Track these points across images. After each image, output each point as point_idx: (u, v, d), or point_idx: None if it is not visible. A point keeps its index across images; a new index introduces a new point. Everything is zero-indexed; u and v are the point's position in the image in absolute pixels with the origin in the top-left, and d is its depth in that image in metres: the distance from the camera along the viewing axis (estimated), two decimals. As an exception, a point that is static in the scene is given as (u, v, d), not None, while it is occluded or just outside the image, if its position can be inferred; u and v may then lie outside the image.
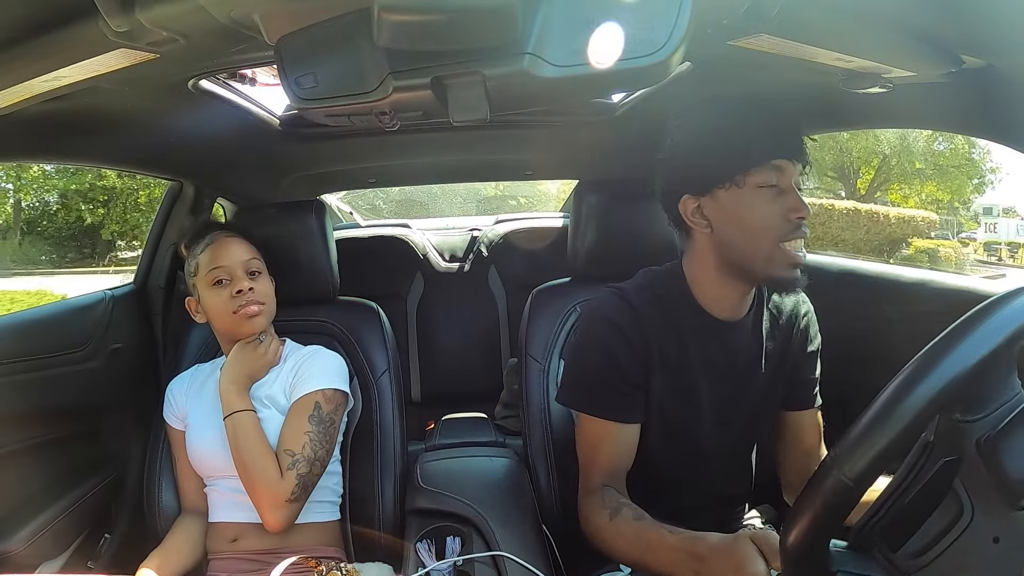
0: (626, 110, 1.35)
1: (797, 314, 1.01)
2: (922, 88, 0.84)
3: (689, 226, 0.92)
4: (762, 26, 0.69)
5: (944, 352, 0.51)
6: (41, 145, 1.06)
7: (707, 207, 0.89)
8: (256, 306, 1.12)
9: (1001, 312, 0.51)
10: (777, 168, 0.85)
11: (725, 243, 0.89)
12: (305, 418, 1.08)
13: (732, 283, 0.92)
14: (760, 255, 0.86)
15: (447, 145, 1.68)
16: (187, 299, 1.19)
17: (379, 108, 0.58)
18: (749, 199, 0.85)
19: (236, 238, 1.18)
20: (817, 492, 0.53)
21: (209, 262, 1.14)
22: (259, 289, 1.14)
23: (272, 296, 1.18)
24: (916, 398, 0.50)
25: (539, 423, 1.20)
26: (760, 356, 0.97)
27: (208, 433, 1.11)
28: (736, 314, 0.95)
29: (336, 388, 1.13)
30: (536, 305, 1.28)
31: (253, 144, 1.41)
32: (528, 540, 1.00)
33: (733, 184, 0.86)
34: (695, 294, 0.94)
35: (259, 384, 1.15)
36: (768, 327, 0.98)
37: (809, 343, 1.02)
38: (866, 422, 0.52)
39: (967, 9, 0.67)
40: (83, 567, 1.27)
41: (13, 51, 0.67)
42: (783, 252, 0.85)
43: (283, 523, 1.03)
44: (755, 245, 0.86)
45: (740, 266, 0.89)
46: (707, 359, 0.94)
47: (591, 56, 0.52)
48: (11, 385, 1.15)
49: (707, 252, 0.92)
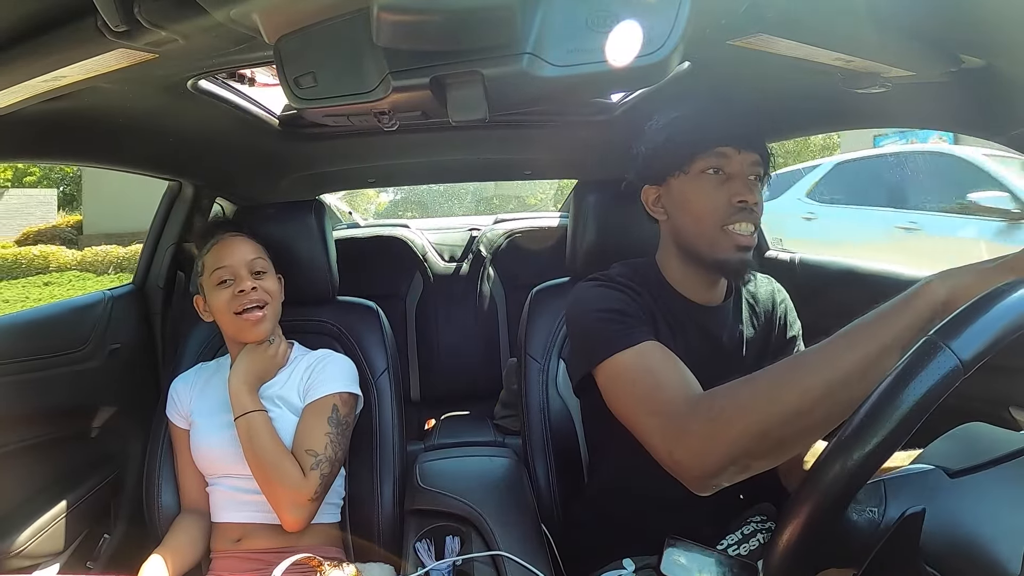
0: (625, 110, 1.35)
1: (774, 302, 1.04)
2: (921, 88, 0.84)
3: (653, 216, 0.99)
4: (761, 26, 0.69)
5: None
6: (40, 144, 1.06)
7: (664, 196, 0.96)
8: (259, 311, 1.12)
9: None
10: (722, 155, 0.90)
11: (677, 229, 0.95)
12: (324, 419, 1.09)
13: (694, 269, 0.96)
14: (705, 238, 0.91)
15: (446, 145, 1.69)
16: (195, 297, 1.19)
17: (378, 108, 0.58)
18: (695, 185, 0.91)
19: (241, 237, 1.18)
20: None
21: (214, 262, 1.14)
22: (263, 287, 1.14)
23: (278, 294, 1.18)
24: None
25: (538, 423, 1.20)
26: (741, 343, 0.99)
27: (214, 431, 1.11)
28: (712, 299, 0.98)
29: (352, 392, 1.14)
30: (535, 305, 1.28)
31: (252, 144, 1.41)
32: (527, 540, 1.01)
33: (681, 171, 0.92)
34: (668, 280, 0.98)
35: (269, 384, 1.15)
36: (747, 315, 1.01)
37: (789, 328, 1.04)
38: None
39: (966, 9, 0.67)
40: (82, 567, 1.27)
41: (13, 51, 0.67)
42: (727, 235, 0.89)
43: (303, 523, 1.04)
44: (699, 228, 0.91)
45: (691, 250, 0.94)
46: (688, 344, 0.94)
47: (590, 56, 0.52)
48: (10, 385, 1.15)
49: (668, 240, 0.98)
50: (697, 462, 0.70)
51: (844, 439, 0.50)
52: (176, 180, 1.54)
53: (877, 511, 0.53)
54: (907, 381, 0.47)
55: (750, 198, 0.88)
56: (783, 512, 0.53)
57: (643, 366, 0.82)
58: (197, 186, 1.54)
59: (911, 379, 0.47)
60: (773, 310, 1.03)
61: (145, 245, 1.60)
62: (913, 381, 0.47)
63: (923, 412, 0.47)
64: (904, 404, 0.47)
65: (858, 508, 0.54)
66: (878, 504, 0.54)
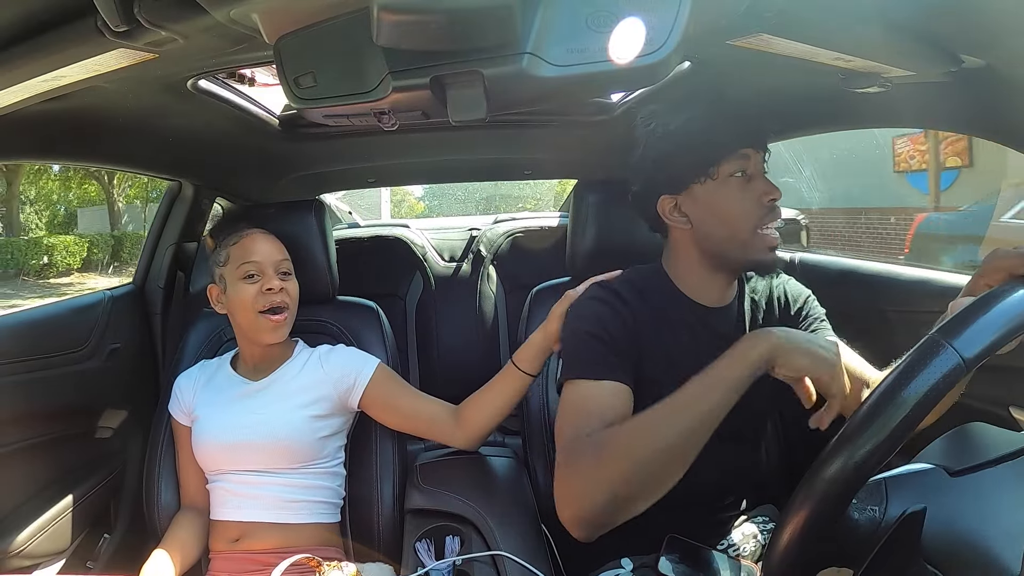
0: (625, 110, 1.35)
1: (771, 286, 1.05)
2: (921, 87, 0.84)
3: (668, 225, 0.96)
4: (761, 26, 0.69)
5: None
6: (40, 144, 1.06)
7: (684, 204, 0.93)
8: (282, 313, 1.13)
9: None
10: (744, 156, 0.90)
11: (705, 236, 0.93)
12: (399, 381, 1.19)
13: (714, 274, 0.96)
14: (737, 242, 0.91)
15: (446, 145, 1.69)
16: (210, 286, 1.18)
17: (378, 108, 0.58)
18: (724, 190, 0.90)
19: (271, 236, 1.18)
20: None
21: (242, 255, 1.13)
22: (288, 290, 1.15)
23: (297, 299, 1.18)
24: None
25: (538, 422, 1.20)
26: None
27: (217, 427, 1.11)
28: (722, 300, 0.98)
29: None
30: (535, 305, 1.28)
31: (252, 144, 1.41)
32: (527, 539, 1.01)
33: (707, 177, 0.90)
34: (680, 288, 0.97)
35: (277, 378, 1.15)
36: (750, 309, 1.01)
37: (793, 304, 1.03)
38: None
39: (966, 9, 0.67)
40: (82, 567, 1.27)
41: (13, 51, 0.67)
42: (760, 237, 0.90)
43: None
44: (732, 233, 0.90)
45: (721, 256, 0.93)
46: (698, 348, 0.94)
47: (590, 56, 0.52)
48: (10, 385, 1.15)
49: (688, 247, 0.96)
50: (576, 502, 0.77)
51: (846, 436, 0.50)
52: (176, 180, 1.54)
53: (878, 510, 0.53)
54: (909, 378, 0.47)
55: (777, 194, 0.90)
56: (783, 511, 0.53)
57: (590, 400, 0.85)
58: (197, 186, 1.55)
59: (913, 376, 0.47)
60: (771, 295, 1.04)
61: (145, 245, 1.60)
62: (915, 378, 0.47)
63: (925, 410, 0.47)
64: (906, 401, 0.47)
65: (859, 507, 0.54)
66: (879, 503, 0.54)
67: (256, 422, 1.10)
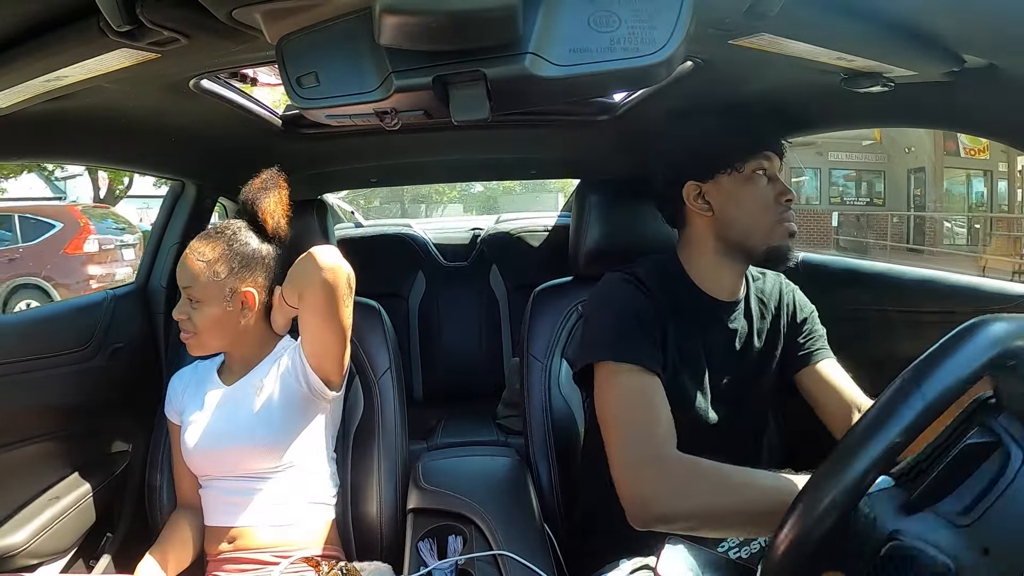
0: (627, 109, 1.35)
1: (781, 292, 1.08)
2: (924, 87, 0.84)
3: (687, 214, 1.01)
4: (763, 25, 0.69)
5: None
6: (43, 144, 1.06)
7: (709, 192, 0.98)
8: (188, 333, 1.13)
9: None
10: (768, 157, 0.97)
11: (727, 224, 0.98)
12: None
13: (730, 264, 1.00)
14: (760, 230, 0.96)
15: (448, 144, 1.68)
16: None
17: (380, 108, 0.58)
18: (749, 184, 0.97)
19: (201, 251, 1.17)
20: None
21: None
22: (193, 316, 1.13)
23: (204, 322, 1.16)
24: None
25: (541, 422, 1.20)
26: (753, 334, 1.04)
27: (198, 436, 1.11)
28: (733, 294, 1.02)
29: None
30: (538, 304, 1.28)
31: (254, 143, 1.41)
32: (530, 539, 1.01)
33: (734, 170, 0.96)
34: (693, 279, 1.01)
35: (249, 380, 1.14)
36: (757, 308, 1.05)
37: (799, 312, 1.07)
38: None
39: (969, 8, 0.67)
40: (85, 566, 1.27)
41: (15, 51, 0.67)
42: (780, 225, 0.96)
43: None
44: (755, 222, 0.96)
45: (740, 244, 0.98)
46: (710, 339, 0.99)
47: (592, 56, 0.52)
48: (12, 384, 1.15)
49: (706, 236, 1.00)
50: (640, 507, 0.82)
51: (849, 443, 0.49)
52: (179, 180, 1.54)
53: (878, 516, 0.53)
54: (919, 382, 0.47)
55: (793, 197, 0.97)
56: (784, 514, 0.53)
57: (640, 391, 0.88)
58: (199, 186, 1.54)
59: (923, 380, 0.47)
60: (780, 299, 1.07)
61: (148, 244, 1.60)
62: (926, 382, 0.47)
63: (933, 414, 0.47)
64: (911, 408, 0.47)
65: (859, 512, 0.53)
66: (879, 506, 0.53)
67: (235, 428, 1.10)
